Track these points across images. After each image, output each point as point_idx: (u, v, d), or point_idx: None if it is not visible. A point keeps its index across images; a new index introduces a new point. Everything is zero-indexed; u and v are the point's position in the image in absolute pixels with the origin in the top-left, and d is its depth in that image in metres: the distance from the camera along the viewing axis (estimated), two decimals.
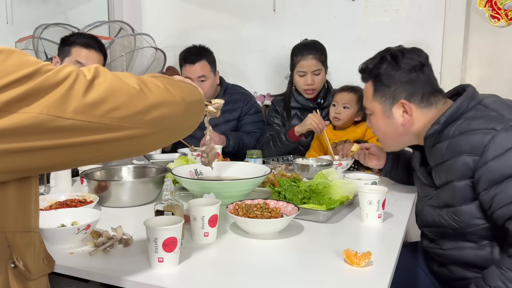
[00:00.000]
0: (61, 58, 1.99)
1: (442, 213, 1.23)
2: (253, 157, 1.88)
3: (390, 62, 1.32)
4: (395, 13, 2.68)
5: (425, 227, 1.35)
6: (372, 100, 1.37)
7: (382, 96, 1.34)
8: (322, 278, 0.94)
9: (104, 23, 2.99)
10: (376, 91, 1.35)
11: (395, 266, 1.02)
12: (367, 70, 1.39)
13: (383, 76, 1.33)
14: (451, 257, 1.27)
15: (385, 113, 1.35)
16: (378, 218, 1.29)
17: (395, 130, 1.36)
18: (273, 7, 2.95)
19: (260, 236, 1.17)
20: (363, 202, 1.30)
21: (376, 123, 1.40)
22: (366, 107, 1.43)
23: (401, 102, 1.31)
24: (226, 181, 1.47)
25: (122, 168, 1.65)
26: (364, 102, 1.44)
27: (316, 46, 2.27)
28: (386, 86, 1.33)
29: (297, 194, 1.39)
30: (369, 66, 1.37)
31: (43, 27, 2.66)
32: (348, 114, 2.12)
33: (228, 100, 2.45)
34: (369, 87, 1.38)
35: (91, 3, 3.08)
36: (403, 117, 1.32)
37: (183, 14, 3.22)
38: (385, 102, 1.34)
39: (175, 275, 0.95)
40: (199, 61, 2.35)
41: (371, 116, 1.41)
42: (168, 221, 1.01)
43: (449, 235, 1.25)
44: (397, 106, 1.32)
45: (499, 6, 2.47)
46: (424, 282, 1.44)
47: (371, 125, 1.44)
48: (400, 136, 1.37)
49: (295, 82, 2.30)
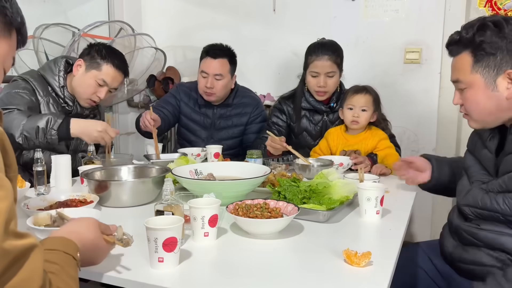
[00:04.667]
0: (88, 66, 1.96)
1: (498, 198, 1.20)
2: (253, 157, 1.87)
3: (493, 30, 1.20)
4: (395, 13, 2.69)
5: (468, 206, 1.30)
6: (471, 72, 1.24)
7: (485, 67, 1.22)
8: (322, 278, 0.94)
9: (104, 23, 2.99)
10: (477, 61, 1.22)
11: (395, 266, 1.02)
12: (464, 40, 1.25)
13: (487, 44, 1.20)
14: (484, 237, 1.24)
15: (488, 85, 1.22)
16: (376, 215, 1.32)
17: (498, 104, 1.23)
18: (273, 7, 2.96)
19: (260, 236, 1.17)
20: (362, 198, 1.32)
21: (475, 97, 1.26)
22: (461, 80, 1.28)
23: (508, 72, 1.19)
24: (226, 181, 1.47)
25: (122, 168, 1.65)
26: (456, 75, 1.30)
27: (333, 47, 2.18)
28: (491, 54, 1.20)
29: (297, 194, 1.39)
30: (467, 35, 1.24)
31: (43, 27, 2.66)
32: (367, 117, 2.04)
33: (238, 103, 2.43)
34: (466, 58, 1.25)
35: (91, 3, 3.08)
36: (509, 89, 1.21)
37: (183, 14, 3.22)
38: (489, 73, 1.22)
39: (175, 275, 0.95)
40: (221, 58, 2.31)
41: (467, 90, 1.27)
42: (168, 221, 1.01)
43: (493, 219, 1.23)
44: (502, 77, 1.21)
45: (499, 6, 2.47)
46: (424, 282, 1.44)
47: (465, 100, 1.30)
48: (501, 111, 1.24)
49: (307, 82, 2.22)
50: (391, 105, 2.32)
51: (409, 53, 2.67)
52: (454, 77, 1.32)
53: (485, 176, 1.30)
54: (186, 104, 2.45)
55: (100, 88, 1.96)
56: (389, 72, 2.74)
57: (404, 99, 2.70)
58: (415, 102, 2.72)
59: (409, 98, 2.69)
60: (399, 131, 2.62)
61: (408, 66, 2.70)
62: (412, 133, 2.75)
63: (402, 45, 2.69)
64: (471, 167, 1.38)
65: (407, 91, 2.68)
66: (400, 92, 2.69)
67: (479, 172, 1.33)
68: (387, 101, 2.18)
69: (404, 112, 2.69)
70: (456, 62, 1.30)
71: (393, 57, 2.72)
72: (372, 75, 2.67)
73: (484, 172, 1.32)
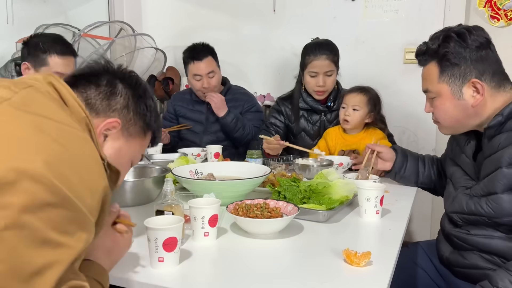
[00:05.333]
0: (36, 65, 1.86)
1: (481, 202, 1.22)
2: (253, 157, 1.88)
3: (457, 40, 1.25)
4: (395, 14, 2.69)
5: (455, 212, 1.32)
6: (438, 82, 1.29)
7: (450, 76, 1.27)
8: (322, 278, 0.94)
9: (105, 23, 2.99)
10: (443, 71, 1.28)
11: (395, 266, 1.03)
12: (430, 51, 1.31)
13: (451, 54, 1.25)
14: (475, 243, 1.26)
15: (454, 94, 1.27)
16: (376, 214, 1.32)
17: (464, 112, 1.28)
18: (273, 7, 2.96)
19: (260, 236, 1.17)
20: (362, 198, 1.33)
21: (443, 106, 1.31)
22: (430, 90, 1.33)
23: (473, 81, 1.24)
24: (226, 181, 1.48)
25: None
26: (425, 85, 1.35)
27: (330, 46, 2.19)
28: (455, 65, 1.25)
29: (297, 194, 1.39)
30: (432, 46, 1.30)
31: (44, 27, 2.66)
32: (358, 116, 2.03)
33: (231, 98, 2.50)
34: (433, 68, 1.30)
35: (91, 3, 3.08)
36: (474, 97, 1.25)
37: (183, 14, 3.22)
38: (455, 82, 1.27)
39: (175, 275, 0.95)
40: (206, 57, 2.41)
41: (436, 99, 1.32)
42: (168, 221, 1.01)
43: (480, 223, 1.24)
44: (467, 86, 1.25)
45: (498, 7, 2.47)
46: (424, 282, 1.44)
47: (435, 108, 1.35)
48: (468, 118, 1.29)
49: (306, 83, 2.22)
50: (391, 105, 2.32)
51: (409, 53, 2.66)
52: (423, 87, 1.37)
53: (468, 181, 1.32)
54: (180, 106, 2.58)
55: None
56: (389, 72, 2.73)
57: (404, 99, 2.69)
58: (415, 102, 2.70)
59: (409, 98, 2.69)
60: (399, 131, 2.62)
61: (408, 66, 2.69)
62: (412, 133, 2.75)
63: (402, 45, 2.69)
64: (454, 173, 1.41)
65: (407, 91, 2.68)
66: (400, 92, 2.69)
67: (462, 178, 1.35)
68: (387, 101, 2.17)
69: (404, 112, 2.69)
70: (424, 72, 1.36)
71: (393, 57, 2.72)
72: (372, 75, 2.67)
73: (467, 178, 1.34)
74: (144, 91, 0.96)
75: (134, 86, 0.94)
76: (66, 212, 0.64)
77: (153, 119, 0.98)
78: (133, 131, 0.93)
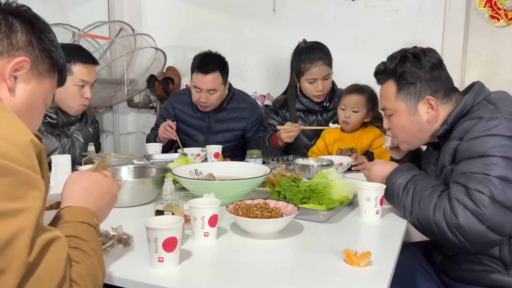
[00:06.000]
0: None
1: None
2: (253, 157, 1.88)
3: (412, 61, 1.34)
4: (395, 13, 2.69)
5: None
6: (395, 100, 1.38)
7: (407, 94, 1.36)
8: (322, 278, 0.94)
9: (104, 23, 2.99)
10: (400, 89, 1.37)
11: (395, 266, 1.02)
12: (388, 70, 1.40)
13: (408, 74, 1.34)
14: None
15: (410, 111, 1.36)
16: (376, 214, 1.32)
17: (420, 127, 1.37)
18: (273, 7, 2.96)
19: (260, 236, 1.17)
20: (362, 198, 1.33)
21: (400, 122, 1.40)
22: (387, 108, 1.42)
23: (427, 99, 1.33)
24: (226, 181, 1.48)
25: (122, 168, 1.65)
26: (383, 102, 1.44)
27: (323, 49, 2.21)
28: (411, 84, 1.34)
29: (297, 194, 1.39)
30: (390, 66, 1.39)
31: None
32: (358, 117, 2.06)
33: (235, 108, 2.43)
34: (391, 86, 1.39)
35: (91, 3, 3.08)
36: (428, 113, 1.34)
37: (183, 14, 3.22)
38: (410, 100, 1.35)
39: (175, 275, 0.95)
40: (213, 73, 2.27)
41: (394, 116, 1.41)
42: (168, 221, 1.01)
43: None
44: (422, 103, 1.34)
45: (498, 6, 2.47)
46: (424, 282, 1.44)
47: (392, 125, 1.44)
48: (423, 133, 1.38)
49: (304, 89, 2.24)
50: None
51: None
52: (381, 105, 1.46)
53: None
54: (180, 111, 2.48)
55: (83, 89, 1.94)
56: None
57: None
58: None
59: None
60: None
61: None
62: None
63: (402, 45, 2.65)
64: None
65: None
66: None
67: None
68: None
69: None
70: (382, 90, 1.44)
71: None
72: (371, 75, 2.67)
73: None
74: (44, 25, 0.93)
75: (32, 20, 0.91)
76: (8, 178, 0.63)
77: (59, 55, 0.95)
78: (42, 70, 0.91)
